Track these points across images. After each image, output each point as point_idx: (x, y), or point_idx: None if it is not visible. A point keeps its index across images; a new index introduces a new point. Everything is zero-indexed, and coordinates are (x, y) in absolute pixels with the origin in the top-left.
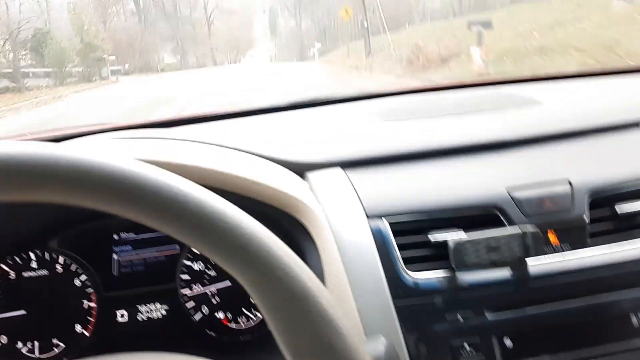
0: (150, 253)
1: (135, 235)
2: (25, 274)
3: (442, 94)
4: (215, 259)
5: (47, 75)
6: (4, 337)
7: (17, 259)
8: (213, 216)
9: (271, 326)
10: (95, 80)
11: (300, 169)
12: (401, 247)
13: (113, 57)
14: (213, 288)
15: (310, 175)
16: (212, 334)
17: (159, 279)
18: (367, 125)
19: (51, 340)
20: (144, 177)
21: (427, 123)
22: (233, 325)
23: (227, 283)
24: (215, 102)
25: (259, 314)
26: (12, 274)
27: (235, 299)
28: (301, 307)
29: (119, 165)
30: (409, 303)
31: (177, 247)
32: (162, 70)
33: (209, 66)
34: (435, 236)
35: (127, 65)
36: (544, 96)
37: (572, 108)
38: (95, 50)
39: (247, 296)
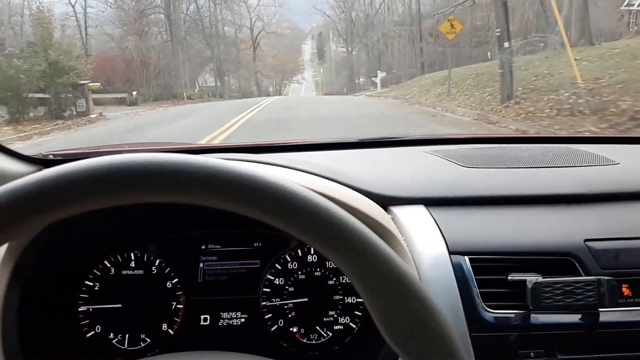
0: (234, 265)
1: (221, 247)
2: (124, 272)
3: (511, 145)
4: (322, 248)
5: None
6: (99, 326)
7: (118, 257)
8: (323, 210)
9: (370, 307)
10: (68, 115)
11: (385, 203)
12: (480, 285)
13: (97, 84)
14: (291, 303)
15: (395, 209)
16: (284, 344)
17: (240, 289)
18: (446, 169)
19: (139, 335)
20: (276, 184)
21: (506, 172)
22: (305, 340)
23: (304, 299)
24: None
25: (329, 332)
26: (113, 271)
27: (310, 315)
28: (398, 288)
29: (267, 178)
30: (485, 338)
31: (258, 262)
32: (190, 97)
33: (251, 92)
34: (514, 277)
35: (135, 93)
36: (617, 156)
37: None
38: (64, 73)
39: (320, 314)
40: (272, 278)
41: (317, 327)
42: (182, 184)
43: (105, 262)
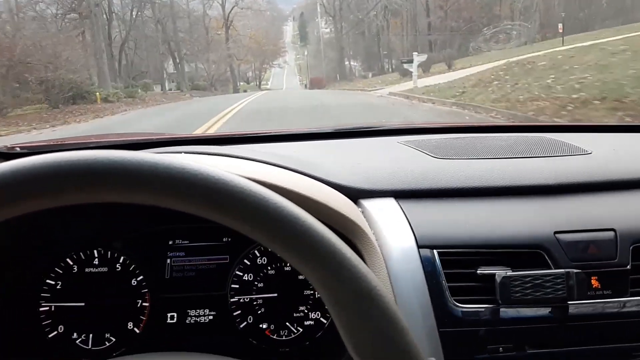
0: (202, 261)
1: (188, 243)
2: (87, 270)
3: (485, 135)
4: (289, 258)
5: None
6: (62, 326)
7: (81, 254)
8: (290, 219)
9: (337, 321)
10: None
11: (355, 195)
12: (449, 279)
13: None
14: (260, 299)
15: (364, 202)
16: (254, 342)
17: (208, 286)
18: (418, 160)
19: (104, 334)
20: (230, 182)
21: (478, 163)
22: (275, 336)
23: (274, 294)
24: None
25: (300, 328)
26: (76, 268)
27: (280, 311)
28: (366, 304)
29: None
30: (454, 332)
31: (227, 257)
32: (107, 100)
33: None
34: (483, 270)
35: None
36: (591, 145)
37: (619, 159)
38: None
39: (290, 309)
40: (241, 274)
41: (287, 323)
42: (135, 184)
43: (68, 259)
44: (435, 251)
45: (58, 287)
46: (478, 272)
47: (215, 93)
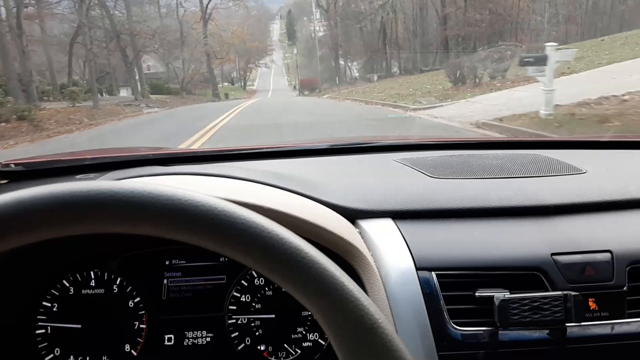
0: (199, 281)
1: (185, 263)
2: (84, 291)
3: (479, 152)
4: (291, 290)
5: None
6: (58, 349)
7: (77, 276)
8: (292, 252)
9: (339, 354)
10: None
11: (352, 216)
12: (448, 301)
13: None
14: (258, 320)
15: (362, 223)
16: None
17: (206, 307)
18: (415, 179)
19: (101, 357)
20: (232, 214)
21: (474, 183)
22: (273, 358)
23: (272, 315)
24: None
25: (298, 349)
26: (72, 290)
27: (278, 332)
28: (369, 337)
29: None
30: (453, 355)
31: (224, 277)
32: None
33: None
34: (482, 293)
35: None
36: (585, 163)
37: (614, 179)
38: None
39: (288, 331)
40: (238, 295)
41: (285, 345)
42: (137, 218)
43: (64, 281)
44: (433, 273)
45: (54, 309)
46: (476, 294)
47: (185, 100)
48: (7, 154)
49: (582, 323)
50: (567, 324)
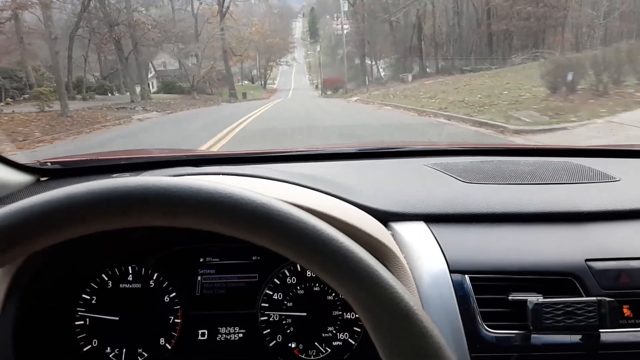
0: (232, 279)
1: (219, 260)
2: (122, 285)
3: (511, 158)
4: (328, 279)
5: None
6: (96, 340)
7: (116, 271)
8: (328, 242)
9: (376, 341)
10: None
11: (385, 218)
12: (481, 304)
13: None
14: (289, 318)
15: (395, 225)
16: None
17: (238, 303)
18: (447, 184)
19: (137, 349)
20: (281, 211)
21: (507, 188)
22: (303, 355)
23: (303, 314)
24: None
25: (328, 348)
26: (110, 284)
27: (309, 330)
28: (405, 323)
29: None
30: (486, 357)
31: (257, 275)
32: None
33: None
34: (515, 296)
35: None
36: (618, 171)
37: None
38: None
39: (319, 330)
40: (271, 292)
41: (315, 343)
42: (181, 211)
43: (103, 275)
44: (467, 276)
45: (93, 301)
46: (509, 297)
47: (195, 101)
48: None
49: (616, 329)
50: (600, 330)
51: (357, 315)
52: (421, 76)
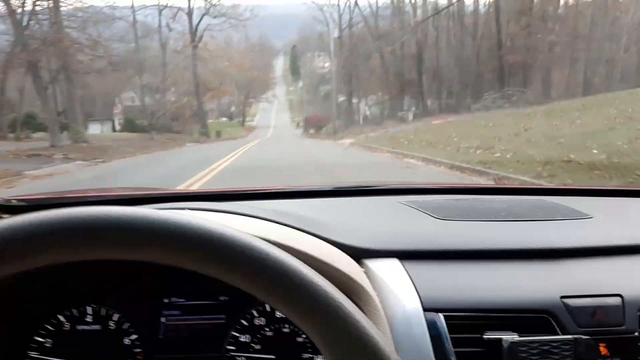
0: (198, 320)
1: (184, 301)
2: (79, 327)
3: (486, 196)
4: (290, 313)
5: None
6: None
7: (74, 311)
8: (292, 273)
9: None
10: None
11: (358, 255)
12: (455, 344)
13: None
14: None
15: (368, 262)
16: None
17: (204, 346)
18: (421, 221)
19: None
20: (239, 240)
21: (481, 225)
22: None
23: (271, 357)
24: None
25: None
26: (67, 326)
27: None
28: None
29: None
30: None
31: (224, 317)
32: None
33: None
34: (490, 335)
35: None
36: (591, 209)
37: (621, 224)
38: None
39: None
40: (238, 335)
41: None
42: (138, 241)
43: (59, 316)
44: (441, 315)
45: (47, 345)
46: (485, 336)
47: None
48: None
49: None
50: None
51: None
52: (422, 114)
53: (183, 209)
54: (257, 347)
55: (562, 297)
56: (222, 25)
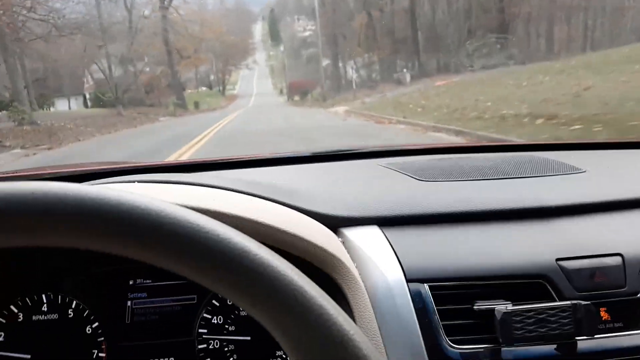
0: (167, 302)
1: (151, 282)
2: (35, 317)
3: (470, 155)
4: (238, 300)
5: None
6: None
7: (27, 300)
8: (237, 253)
9: None
10: None
11: (334, 224)
12: (443, 316)
13: None
14: (231, 345)
15: (346, 231)
16: None
17: (174, 331)
18: (402, 183)
19: None
20: (183, 221)
21: (467, 185)
22: None
23: (247, 338)
24: None
25: None
26: (21, 317)
27: (254, 356)
28: (340, 353)
29: (167, 210)
30: None
31: (195, 297)
32: None
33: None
34: (481, 305)
35: None
36: (583, 163)
37: (616, 178)
38: None
39: (266, 355)
40: (209, 316)
41: None
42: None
43: (12, 306)
44: (426, 285)
45: (1, 338)
46: (475, 307)
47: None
48: None
49: (594, 336)
50: (577, 338)
51: None
52: (419, 75)
53: (133, 181)
54: (231, 328)
55: (558, 259)
56: None
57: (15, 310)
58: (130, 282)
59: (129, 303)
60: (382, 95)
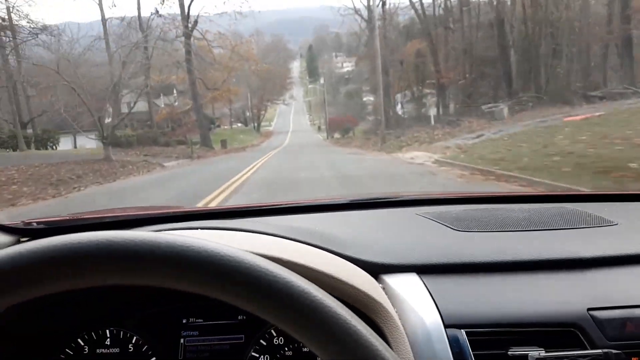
0: (216, 341)
1: (203, 321)
2: (99, 350)
3: (504, 205)
4: (300, 336)
5: None
6: None
7: (93, 334)
8: (299, 295)
9: None
10: None
11: (375, 271)
12: None
13: None
14: None
15: (386, 277)
16: None
17: None
18: (439, 233)
19: None
20: (248, 263)
21: (501, 235)
22: None
23: None
24: None
25: None
26: (87, 349)
27: None
28: None
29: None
30: None
31: (243, 336)
32: None
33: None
34: (515, 351)
35: None
36: (615, 215)
37: None
38: None
39: None
40: (257, 355)
41: None
42: (143, 266)
43: (79, 340)
44: (463, 331)
45: None
46: (509, 353)
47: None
48: None
49: None
50: None
51: None
52: (519, 109)
53: (195, 228)
54: None
55: (590, 309)
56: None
57: (82, 343)
58: (184, 321)
59: (182, 340)
60: (478, 136)
